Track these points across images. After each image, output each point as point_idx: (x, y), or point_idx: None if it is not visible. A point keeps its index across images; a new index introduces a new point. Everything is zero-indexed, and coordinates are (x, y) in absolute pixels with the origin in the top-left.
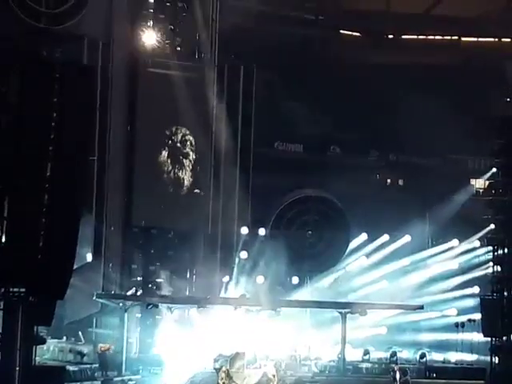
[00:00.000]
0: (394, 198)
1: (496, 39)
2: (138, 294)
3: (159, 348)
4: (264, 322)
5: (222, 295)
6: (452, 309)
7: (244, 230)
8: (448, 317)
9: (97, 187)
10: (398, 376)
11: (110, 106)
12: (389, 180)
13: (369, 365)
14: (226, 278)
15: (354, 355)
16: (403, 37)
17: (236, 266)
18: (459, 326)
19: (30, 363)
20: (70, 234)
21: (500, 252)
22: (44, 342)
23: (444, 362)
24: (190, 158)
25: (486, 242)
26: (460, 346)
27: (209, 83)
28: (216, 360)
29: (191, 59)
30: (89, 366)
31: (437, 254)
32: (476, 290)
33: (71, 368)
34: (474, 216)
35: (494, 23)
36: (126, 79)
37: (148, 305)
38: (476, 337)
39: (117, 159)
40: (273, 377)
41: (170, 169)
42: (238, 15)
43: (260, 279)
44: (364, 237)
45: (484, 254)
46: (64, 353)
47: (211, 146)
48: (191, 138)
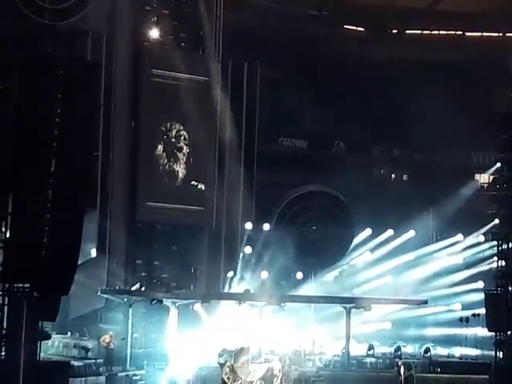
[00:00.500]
0: (398, 193)
1: (500, 34)
2: (143, 289)
3: (164, 343)
4: (268, 317)
5: (226, 290)
6: (456, 303)
7: (248, 226)
8: (452, 311)
9: (101, 183)
10: (402, 371)
11: (114, 102)
12: (393, 175)
13: (373, 360)
14: (230, 273)
15: (358, 350)
16: (407, 32)
17: (240, 261)
18: (464, 321)
19: (35, 358)
20: (74, 229)
21: (504, 246)
22: (49, 337)
23: (448, 357)
24: (184, 152)
25: (490, 236)
26: (464, 341)
27: (213, 79)
28: (220, 355)
29: (195, 55)
30: (93, 361)
31: (441, 249)
32: (480, 284)
33: (76, 363)
34: (479, 211)
35: (498, 18)
36: (129, 75)
37: (152, 300)
38: (480, 331)
39: (121, 155)
40: (278, 372)
41: (165, 162)
42: (242, 11)
43: (264, 274)
44: (368, 232)
45: (488, 248)
46: (68, 348)
47: (215, 142)
48: (185, 132)
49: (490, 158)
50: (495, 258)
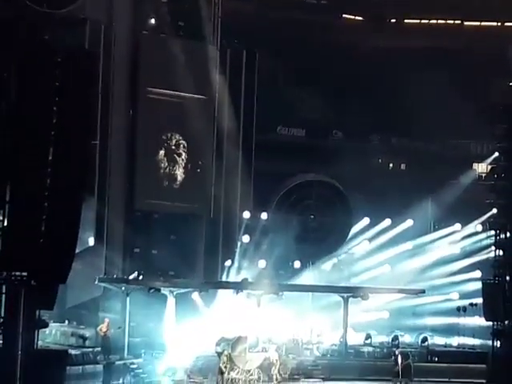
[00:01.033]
0: (396, 182)
1: (499, 23)
2: (140, 278)
3: (161, 332)
4: (266, 306)
5: (224, 279)
6: (454, 293)
7: (246, 215)
8: (450, 301)
9: (99, 171)
10: (399, 360)
11: (113, 91)
12: (391, 164)
13: (370, 349)
14: (228, 262)
15: (355, 339)
16: (406, 21)
17: (238, 250)
18: (461, 310)
19: (32, 347)
20: (72, 218)
21: (502, 236)
22: (46, 325)
23: (446, 346)
24: (183, 157)
25: (488, 226)
26: (462, 330)
27: (211, 67)
28: (218, 344)
29: (193, 43)
30: (91, 349)
31: (439, 239)
32: (478, 274)
33: (73, 352)
34: (477, 200)
35: (497, 7)
36: (127, 64)
37: (150, 289)
38: (478, 321)
39: (119, 144)
40: (275, 361)
41: (166, 165)
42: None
43: (262, 263)
44: (366, 221)
45: (486, 238)
46: (66, 336)
47: (213, 130)
48: (184, 142)
49: (488, 147)
50: (493, 248)
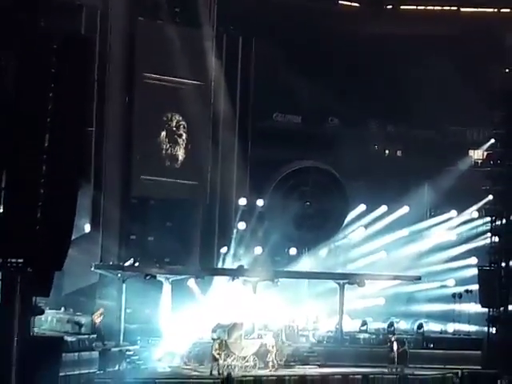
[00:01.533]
0: (392, 169)
1: (495, 10)
2: (136, 264)
3: (157, 318)
4: (262, 293)
5: (219, 266)
6: (450, 279)
7: (242, 201)
8: (446, 287)
9: (95, 158)
10: (395, 346)
11: (109, 77)
12: (387, 151)
13: (366, 335)
14: (224, 249)
15: (351, 326)
16: (402, 7)
17: (234, 237)
18: (457, 297)
19: (28, 334)
20: (68, 204)
21: (498, 223)
22: (42, 312)
23: (441, 333)
24: (184, 138)
25: (484, 212)
26: (457, 317)
27: (207, 54)
28: (214, 330)
29: (190, 29)
30: (87, 336)
31: (435, 225)
32: (474, 260)
33: (69, 338)
34: (473, 187)
35: None
36: (124, 50)
37: (146, 275)
38: (473, 307)
39: (115, 130)
40: (272, 348)
41: (167, 146)
42: None
43: (258, 250)
44: (362, 208)
45: (482, 224)
46: (62, 323)
47: (210, 117)
48: (184, 123)
49: (484, 134)
50: (489, 234)
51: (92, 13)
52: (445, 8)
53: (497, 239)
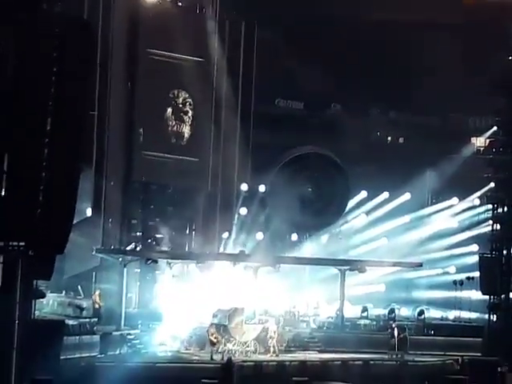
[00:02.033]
0: (394, 155)
1: None
2: (138, 249)
3: (158, 303)
4: (263, 279)
5: (221, 251)
6: (451, 267)
7: (244, 187)
8: (447, 274)
9: (97, 142)
10: (395, 333)
11: (111, 61)
12: (389, 138)
13: (367, 322)
14: (225, 234)
15: (352, 312)
16: None
17: (235, 222)
18: (458, 284)
19: (30, 317)
20: (70, 188)
21: (500, 210)
22: (43, 295)
23: (442, 320)
24: (189, 115)
25: (485, 200)
26: (458, 304)
27: (210, 39)
28: (215, 315)
29: (192, 14)
30: (88, 320)
31: (436, 212)
32: (475, 248)
33: (70, 322)
34: (474, 174)
35: None
36: (126, 34)
37: (147, 260)
38: (474, 294)
39: (117, 114)
40: (273, 333)
41: (173, 124)
42: None
43: (259, 235)
44: (364, 194)
45: (484, 212)
46: (63, 307)
47: (212, 103)
48: (190, 100)
49: (486, 121)
50: (490, 222)
51: None
52: None
53: (498, 227)
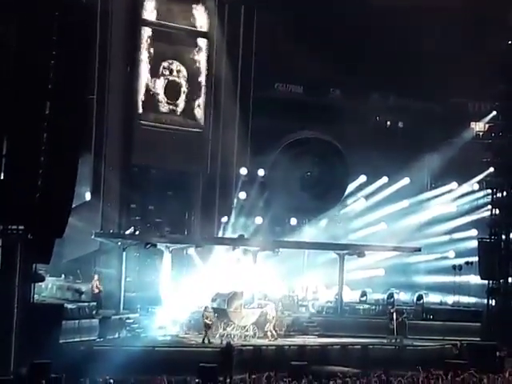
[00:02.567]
0: (393, 140)
1: None
2: (137, 233)
3: (157, 287)
4: (262, 263)
5: (220, 235)
6: (450, 251)
7: (243, 171)
8: (446, 259)
9: (96, 126)
10: (394, 317)
11: (110, 45)
12: (388, 122)
13: (366, 306)
14: (224, 219)
15: (351, 296)
16: None
17: (235, 207)
18: (457, 269)
19: (29, 301)
20: (69, 172)
21: (499, 195)
22: (43, 279)
23: (441, 304)
24: (184, 89)
25: (484, 185)
26: (457, 289)
27: (210, 23)
28: (214, 299)
29: None
30: (87, 304)
31: (436, 197)
32: (474, 232)
33: (69, 306)
34: (474, 159)
35: None
36: (125, 18)
37: (146, 244)
38: (473, 279)
39: (116, 99)
40: (272, 318)
41: (165, 100)
42: None
43: (258, 220)
44: (363, 179)
45: (483, 196)
46: (62, 291)
47: (211, 87)
48: (184, 70)
49: (485, 106)
50: (489, 207)
51: None
52: None
53: (497, 211)
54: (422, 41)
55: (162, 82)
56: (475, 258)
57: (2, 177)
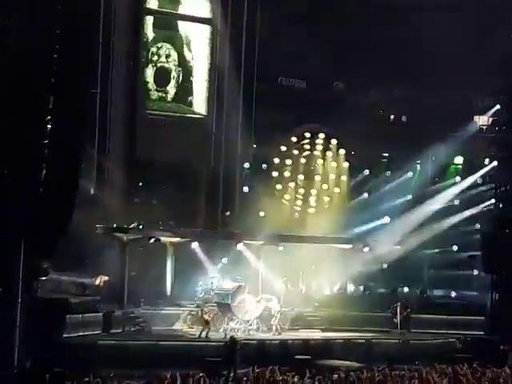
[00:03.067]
0: (397, 133)
1: None
2: (140, 227)
3: (161, 281)
4: (266, 257)
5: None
6: (453, 245)
7: (247, 165)
8: (449, 253)
9: (99, 120)
10: (398, 311)
11: (114, 39)
12: (392, 116)
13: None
14: (228, 213)
15: (355, 290)
16: None
17: (238, 201)
18: (460, 263)
19: (32, 295)
20: (72, 167)
21: (502, 189)
22: (46, 274)
23: (444, 298)
24: (174, 74)
25: (488, 179)
26: (461, 283)
27: (212, 15)
28: (217, 294)
29: None
30: (90, 298)
31: (439, 191)
32: (477, 226)
33: (73, 300)
34: (477, 153)
35: None
36: (129, 10)
37: (150, 238)
38: (477, 273)
39: (119, 93)
40: (276, 312)
41: (155, 88)
42: None
43: (262, 214)
44: (366, 173)
45: (486, 191)
46: (66, 285)
47: (214, 81)
48: (175, 53)
49: (489, 100)
50: (493, 200)
51: None
52: None
53: (501, 205)
54: (425, 35)
55: (166, 71)
56: (479, 252)
57: (5, 171)
